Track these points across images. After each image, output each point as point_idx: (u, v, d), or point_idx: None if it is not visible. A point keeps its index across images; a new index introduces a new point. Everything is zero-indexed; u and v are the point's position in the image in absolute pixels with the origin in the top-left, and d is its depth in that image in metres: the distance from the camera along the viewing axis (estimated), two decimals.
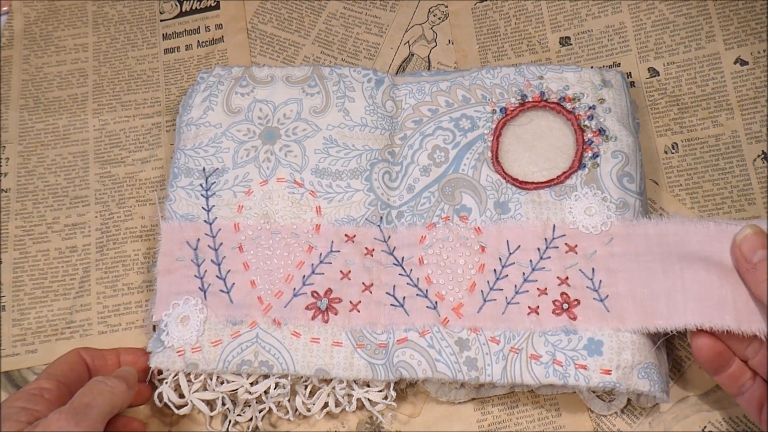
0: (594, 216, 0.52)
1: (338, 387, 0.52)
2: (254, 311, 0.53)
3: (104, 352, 0.52)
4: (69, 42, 0.70)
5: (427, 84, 0.60)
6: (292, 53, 0.67)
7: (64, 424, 0.42)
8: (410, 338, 0.52)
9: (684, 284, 0.48)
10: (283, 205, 0.56)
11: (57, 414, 0.43)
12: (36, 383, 0.46)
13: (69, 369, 0.49)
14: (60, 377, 0.48)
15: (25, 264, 0.61)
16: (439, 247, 0.54)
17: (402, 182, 0.57)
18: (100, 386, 0.46)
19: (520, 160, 0.56)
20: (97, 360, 0.51)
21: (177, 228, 0.56)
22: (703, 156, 0.58)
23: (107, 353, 0.52)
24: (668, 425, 0.51)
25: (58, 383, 0.47)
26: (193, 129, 0.60)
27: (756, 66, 0.59)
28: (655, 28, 0.62)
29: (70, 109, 0.67)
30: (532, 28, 0.65)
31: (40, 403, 0.45)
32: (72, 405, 0.44)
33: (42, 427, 0.42)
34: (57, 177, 0.64)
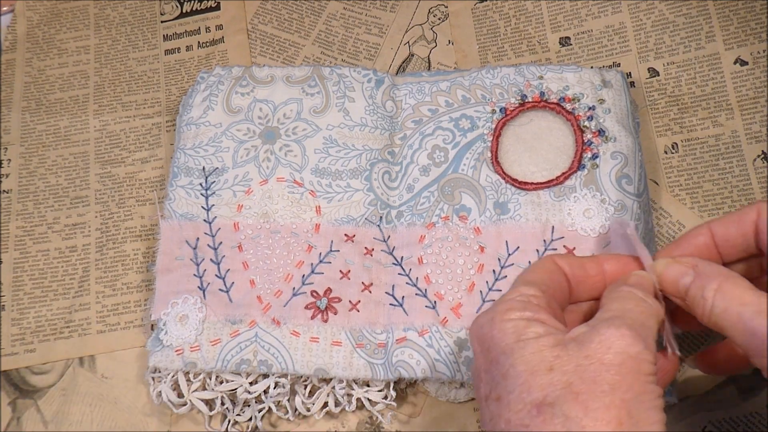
0: (592, 218, 0.52)
1: (338, 387, 0.52)
2: (253, 310, 0.53)
3: (583, 261, 0.42)
4: (71, 44, 0.70)
5: (427, 84, 0.60)
6: (292, 53, 0.67)
7: (631, 343, 0.34)
8: (409, 338, 0.52)
9: None
10: (282, 205, 0.56)
11: (615, 329, 0.34)
12: (518, 291, 0.38)
13: (548, 277, 0.40)
14: (540, 284, 0.39)
15: (25, 264, 0.61)
16: (439, 247, 0.54)
17: (402, 182, 0.57)
18: (642, 303, 0.38)
19: (520, 161, 0.56)
20: (576, 269, 0.41)
21: (176, 227, 0.56)
22: (703, 156, 0.58)
23: (587, 261, 0.42)
24: (668, 425, 0.51)
25: (541, 291, 0.38)
26: (193, 128, 0.60)
27: (756, 66, 0.59)
28: (655, 28, 0.62)
29: (71, 110, 0.67)
30: (532, 28, 0.65)
31: (538, 311, 0.37)
32: (624, 320, 0.35)
33: (598, 341, 0.34)
34: (58, 177, 0.64)
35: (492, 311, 0.37)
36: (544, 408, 0.33)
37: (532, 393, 0.33)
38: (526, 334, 0.35)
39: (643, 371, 0.34)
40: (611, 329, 0.34)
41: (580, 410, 0.32)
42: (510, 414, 0.34)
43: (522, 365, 0.34)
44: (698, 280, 0.38)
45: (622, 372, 0.33)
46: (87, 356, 0.58)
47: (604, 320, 0.36)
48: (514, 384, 0.34)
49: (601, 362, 0.33)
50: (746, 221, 0.41)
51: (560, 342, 0.35)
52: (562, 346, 0.34)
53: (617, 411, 0.32)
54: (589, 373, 0.33)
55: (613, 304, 0.37)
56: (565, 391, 0.33)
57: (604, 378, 0.33)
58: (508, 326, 0.36)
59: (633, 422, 0.32)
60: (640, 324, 0.36)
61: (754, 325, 0.35)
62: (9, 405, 0.57)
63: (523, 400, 0.33)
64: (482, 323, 0.37)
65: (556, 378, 0.33)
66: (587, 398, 0.32)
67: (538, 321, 0.36)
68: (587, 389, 0.32)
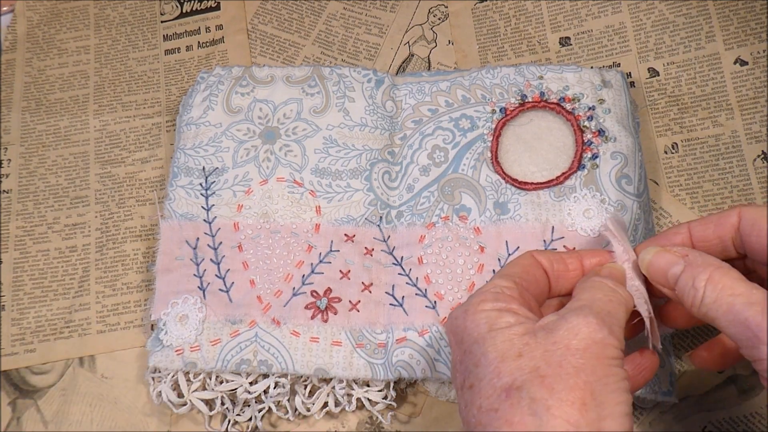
0: (592, 219, 0.52)
1: (338, 387, 0.52)
2: (253, 310, 0.53)
3: (563, 256, 0.43)
4: (71, 44, 0.70)
5: (426, 84, 0.60)
6: (292, 53, 0.67)
7: (596, 329, 0.35)
8: (409, 338, 0.52)
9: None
10: (282, 205, 0.56)
11: (582, 318, 0.36)
12: (492, 283, 0.39)
13: (523, 270, 0.41)
14: (515, 277, 0.40)
15: (25, 264, 0.61)
16: (439, 247, 0.54)
17: (402, 182, 0.57)
18: (610, 293, 0.39)
19: (520, 161, 0.56)
20: (557, 264, 0.42)
21: (176, 227, 0.56)
22: (703, 156, 0.58)
23: (567, 256, 0.43)
24: (668, 425, 0.51)
25: (514, 283, 0.39)
26: (193, 128, 0.60)
27: (756, 66, 0.59)
28: (655, 28, 0.62)
29: (71, 110, 0.67)
30: (532, 28, 0.65)
31: (510, 301, 0.38)
32: (591, 309, 0.36)
33: (566, 329, 0.35)
34: (58, 177, 0.64)
35: (466, 304, 0.39)
36: (513, 392, 0.34)
37: (502, 378, 0.34)
38: (498, 324, 0.37)
39: (607, 355, 0.35)
40: (578, 317, 0.36)
41: (545, 392, 0.33)
42: (481, 400, 0.35)
43: (493, 353, 0.35)
44: (689, 270, 0.38)
45: (587, 356, 0.34)
46: (87, 356, 0.58)
47: (573, 309, 0.37)
48: (485, 371, 0.35)
49: (567, 347, 0.35)
50: (725, 224, 0.42)
51: (530, 330, 0.36)
52: (532, 334, 0.36)
53: (581, 392, 0.33)
54: (555, 357, 0.34)
55: (584, 293, 0.39)
56: (532, 375, 0.34)
57: (569, 362, 0.34)
58: (480, 317, 0.37)
59: (596, 403, 0.33)
60: (606, 312, 0.37)
61: (746, 316, 0.35)
62: (9, 405, 0.57)
63: (494, 386, 0.35)
64: (456, 315, 0.39)
65: (524, 363, 0.34)
66: (552, 381, 0.33)
67: (510, 311, 0.37)
68: (553, 372, 0.34)
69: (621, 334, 0.37)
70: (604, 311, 0.37)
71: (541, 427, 0.32)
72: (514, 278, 0.40)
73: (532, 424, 0.32)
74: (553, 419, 0.32)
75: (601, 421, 0.33)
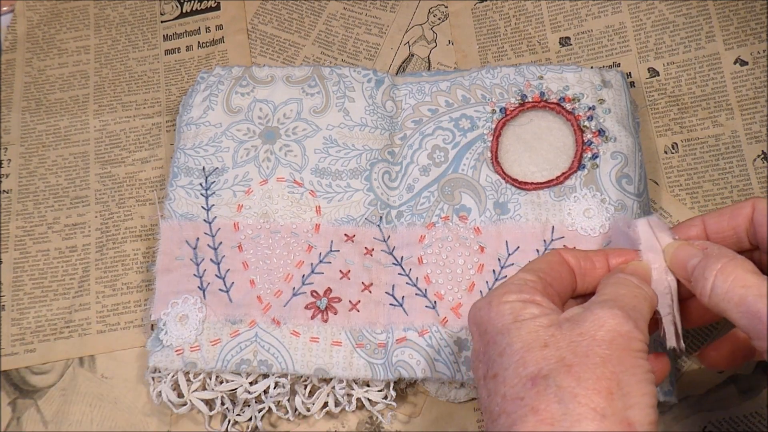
0: (593, 218, 0.52)
1: (338, 387, 0.52)
2: (253, 310, 0.53)
3: (590, 254, 0.43)
4: (71, 44, 0.70)
5: (426, 84, 0.60)
6: (292, 53, 0.67)
7: (621, 322, 0.35)
8: (409, 338, 0.52)
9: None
10: (282, 205, 0.56)
11: (608, 310, 0.36)
12: (516, 276, 0.40)
13: (549, 266, 0.41)
14: (540, 272, 0.41)
15: (25, 264, 0.61)
16: (439, 247, 0.54)
17: (402, 182, 0.57)
18: (635, 289, 0.39)
19: (520, 161, 0.56)
20: (584, 261, 0.43)
21: (176, 227, 0.56)
22: (703, 156, 0.58)
23: (594, 255, 0.43)
24: (668, 425, 0.51)
25: (538, 277, 0.40)
26: (193, 128, 0.60)
27: (756, 66, 0.59)
28: (655, 28, 0.62)
29: (71, 110, 0.67)
30: (532, 28, 0.65)
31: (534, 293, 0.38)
32: (617, 303, 0.37)
33: (591, 320, 0.36)
34: (58, 177, 0.64)
35: (490, 295, 0.39)
36: (539, 380, 0.34)
37: (528, 367, 0.35)
38: (523, 315, 0.37)
39: (633, 348, 0.35)
40: (604, 310, 0.36)
41: (572, 380, 0.33)
42: (506, 389, 0.35)
43: (518, 343, 0.36)
44: (703, 261, 0.39)
45: (613, 347, 0.34)
46: (87, 356, 0.58)
47: (598, 302, 0.37)
48: (510, 360, 0.35)
49: (593, 338, 0.35)
50: (739, 215, 0.42)
51: (555, 322, 0.36)
52: (557, 326, 0.36)
53: (608, 382, 0.33)
54: (581, 348, 0.35)
55: (608, 288, 0.39)
56: (558, 364, 0.34)
57: (595, 352, 0.34)
58: (505, 308, 0.38)
59: (623, 393, 0.33)
60: (631, 307, 0.37)
61: (758, 308, 0.35)
62: (9, 405, 0.57)
63: (519, 375, 0.35)
64: (480, 306, 0.39)
65: (550, 353, 0.35)
66: (579, 370, 0.34)
67: (534, 303, 0.38)
68: (579, 362, 0.34)
69: (646, 329, 0.37)
70: (629, 306, 0.37)
71: (567, 414, 0.33)
72: (539, 273, 0.40)
73: (558, 411, 0.33)
74: (580, 407, 0.33)
75: (627, 410, 0.33)
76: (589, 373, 0.34)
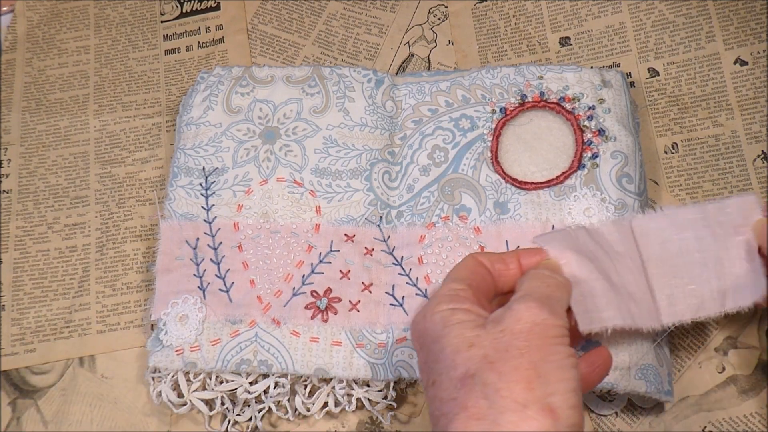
0: (593, 218, 0.52)
1: (338, 387, 0.52)
2: (253, 310, 0.53)
3: (503, 256, 0.45)
4: (71, 44, 0.70)
5: (426, 84, 0.60)
6: (292, 54, 0.67)
7: (536, 312, 0.38)
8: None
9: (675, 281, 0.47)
10: (282, 205, 0.56)
11: (523, 303, 0.38)
12: (446, 287, 0.42)
13: (470, 272, 0.43)
14: (466, 279, 0.42)
15: (25, 264, 0.61)
16: (439, 247, 0.54)
17: (402, 182, 0.57)
18: (548, 279, 0.42)
19: (520, 160, 0.56)
20: (497, 263, 0.45)
21: (176, 227, 0.56)
22: (703, 156, 0.58)
23: (507, 256, 0.45)
24: (668, 425, 0.51)
25: (467, 285, 0.42)
26: (193, 128, 0.60)
27: (756, 66, 0.59)
28: (655, 28, 0.62)
29: (71, 110, 0.67)
30: (532, 28, 0.65)
31: (463, 301, 0.40)
32: (531, 295, 0.39)
33: (510, 316, 0.38)
34: (58, 177, 0.64)
35: (424, 308, 0.41)
36: (467, 380, 0.36)
37: (458, 369, 0.37)
38: (451, 321, 0.39)
39: (550, 335, 0.37)
40: (520, 304, 0.38)
41: (494, 376, 0.36)
42: (442, 392, 0.37)
43: (448, 348, 0.38)
44: None
45: (530, 338, 0.37)
46: (87, 356, 0.58)
47: (515, 299, 0.40)
48: (443, 366, 0.38)
49: (512, 332, 0.37)
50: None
51: (480, 324, 0.39)
52: (482, 327, 0.38)
53: (526, 372, 0.36)
54: (502, 343, 0.37)
55: (524, 284, 0.41)
56: (482, 362, 0.36)
57: (514, 345, 0.37)
58: (436, 317, 0.40)
59: (542, 381, 0.35)
60: (546, 296, 0.40)
61: None
62: (9, 405, 0.57)
63: (451, 377, 0.37)
64: (417, 320, 0.42)
65: (475, 352, 0.37)
66: (500, 365, 0.36)
67: (463, 309, 0.40)
68: (500, 357, 0.36)
69: (563, 314, 0.40)
70: (544, 295, 0.40)
71: (492, 408, 0.35)
72: (465, 281, 0.42)
73: (485, 406, 0.35)
74: (502, 400, 0.35)
75: (548, 397, 0.35)
76: (508, 366, 0.36)
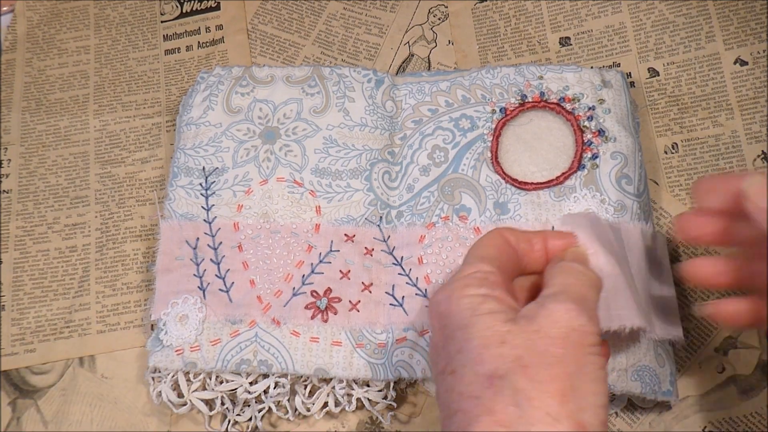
0: None
1: (338, 387, 0.52)
2: (253, 310, 0.53)
3: (530, 235, 0.43)
4: (71, 44, 0.70)
5: (426, 84, 0.60)
6: (292, 54, 0.67)
7: (574, 317, 0.36)
8: (409, 338, 0.52)
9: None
10: (282, 205, 0.56)
11: (561, 304, 0.36)
12: (474, 267, 0.39)
13: (498, 251, 0.41)
14: (495, 261, 0.40)
15: (25, 264, 0.61)
16: (439, 247, 0.54)
17: (402, 182, 0.57)
18: (582, 276, 0.39)
19: (520, 161, 0.56)
20: (523, 243, 0.43)
21: (176, 227, 0.56)
22: (703, 156, 0.58)
23: (533, 236, 0.43)
24: (668, 425, 0.51)
25: (496, 267, 0.39)
26: (193, 128, 0.60)
27: (756, 66, 0.59)
28: (655, 28, 0.62)
29: (71, 110, 0.67)
30: (532, 28, 0.65)
31: (494, 287, 0.38)
32: (568, 295, 0.37)
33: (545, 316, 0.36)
34: (58, 177, 0.64)
35: (449, 288, 0.39)
36: (495, 380, 0.34)
37: (485, 365, 0.35)
38: (481, 310, 0.37)
39: (586, 343, 0.36)
40: (557, 304, 0.36)
41: (527, 382, 0.34)
42: (463, 386, 0.35)
43: (476, 339, 0.36)
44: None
45: (567, 345, 0.35)
46: (87, 356, 0.58)
47: (550, 296, 0.37)
48: (468, 357, 0.36)
49: (548, 336, 0.35)
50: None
51: (512, 317, 0.36)
52: (514, 322, 0.36)
53: (561, 383, 0.34)
54: (537, 346, 0.35)
55: (556, 278, 0.39)
56: (515, 364, 0.34)
57: (550, 351, 0.35)
58: (464, 302, 0.37)
59: (575, 395, 0.34)
60: (582, 297, 0.37)
61: None
62: (9, 405, 0.57)
63: (476, 372, 0.35)
64: (440, 300, 0.39)
65: (507, 351, 0.35)
66: (534, 371, 0.34)
67: (493, 297, 0.38)
68: (535, 362, 0.34)
69: (597, 319, 0.37)
70: (580, 296, 0.37)
71: (522, 417, 0.33)
72: (495, 261, 0.40)
73: (514, 414, 0.33)
74: (534, 411, 0.33)
75: (580, 412, 0.34)
76: (543, 374, 0.34)
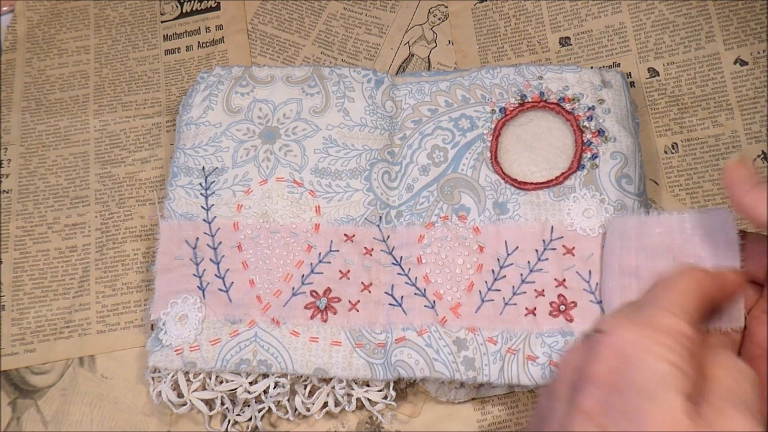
0: (592, 218, 0.52)
1: (338, 386, 0.52)
2: (253, 310, 0.53)
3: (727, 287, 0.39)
4: (71, 44, 0.70)
5: (426, 84, 0.60)
6: (292, 54, 0.67)
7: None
8: (408, 337, 0.52)
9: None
10: (282, 205, 0.56)
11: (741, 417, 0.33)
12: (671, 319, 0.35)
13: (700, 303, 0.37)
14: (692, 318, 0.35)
15: (25, 264, 0.61)
16: (438, 247, 0.54)
17: (401, 182, 0.57)
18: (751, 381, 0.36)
19: (520, 161, 0.56)
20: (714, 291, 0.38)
21: (176, 227, 0.56)
22: (703, 156, 0.58)
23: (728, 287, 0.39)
24: None
25: (695, 328, 0.35)
26: (193, 128, 0.60)
27: (756, 66, 0.59)
28: (655, 28, 0.62)
29: (71, 110, 0.67)
30: (532, 28, 0.65)
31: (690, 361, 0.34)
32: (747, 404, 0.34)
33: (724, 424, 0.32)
34: (58, 177, 0.64)
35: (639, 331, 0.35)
36: None
37: None
38: (671, 385, 0.33)
39: None
40: (736, 413, 0.33)
41: None
42: None
43: (657, 420, 0.32)
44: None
45: None
46: (87, 356, 0.58)
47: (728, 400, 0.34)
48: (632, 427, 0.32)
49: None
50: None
51: (694, 412, 0.33)
52: (694, 419, 0.33)
53: None
54: None
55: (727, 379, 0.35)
56: None
57: None
58: (658, 367, 0.33)
59: None
60: (756, 408, 0.34)
61: None
62: (9, 405, 0.57)
63: None
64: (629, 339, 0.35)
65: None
66: None
67: (689, 378, 0.34)
68: None
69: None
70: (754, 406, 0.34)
71: None
72: (692, 319, 0.35)
73: None
74: None
75: None
76: None
